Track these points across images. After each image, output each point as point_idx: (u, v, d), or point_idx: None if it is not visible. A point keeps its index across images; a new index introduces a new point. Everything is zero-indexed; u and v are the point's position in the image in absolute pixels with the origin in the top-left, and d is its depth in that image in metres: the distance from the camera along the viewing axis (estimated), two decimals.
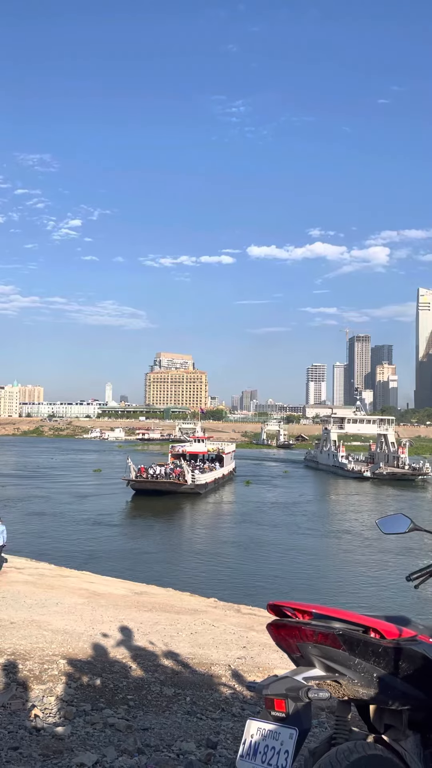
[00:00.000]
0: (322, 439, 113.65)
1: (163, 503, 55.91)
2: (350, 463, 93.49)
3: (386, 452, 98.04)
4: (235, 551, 35.92)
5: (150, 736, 6.11)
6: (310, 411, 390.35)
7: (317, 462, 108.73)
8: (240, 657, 9.99)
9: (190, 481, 61.32)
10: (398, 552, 35.41)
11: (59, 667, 8.35)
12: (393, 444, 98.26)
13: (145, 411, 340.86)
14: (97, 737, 5.93)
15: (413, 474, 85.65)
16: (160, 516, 50.61)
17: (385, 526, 3.98)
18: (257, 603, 16.91)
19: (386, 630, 3.16)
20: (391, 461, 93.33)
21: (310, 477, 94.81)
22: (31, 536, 36.37)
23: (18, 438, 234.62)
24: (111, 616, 12.50)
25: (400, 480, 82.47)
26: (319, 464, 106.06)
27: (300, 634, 3.11)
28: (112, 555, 32.96)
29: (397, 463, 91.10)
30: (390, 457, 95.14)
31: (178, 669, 8.99)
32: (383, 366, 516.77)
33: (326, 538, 41.64)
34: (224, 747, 5.93)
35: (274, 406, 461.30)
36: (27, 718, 6.24)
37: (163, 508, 53.49)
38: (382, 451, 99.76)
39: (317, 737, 5.30)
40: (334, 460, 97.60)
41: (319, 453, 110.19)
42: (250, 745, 2.98)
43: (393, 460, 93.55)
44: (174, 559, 33.05)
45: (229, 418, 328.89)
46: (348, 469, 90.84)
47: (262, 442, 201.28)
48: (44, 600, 13.92)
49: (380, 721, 3.34)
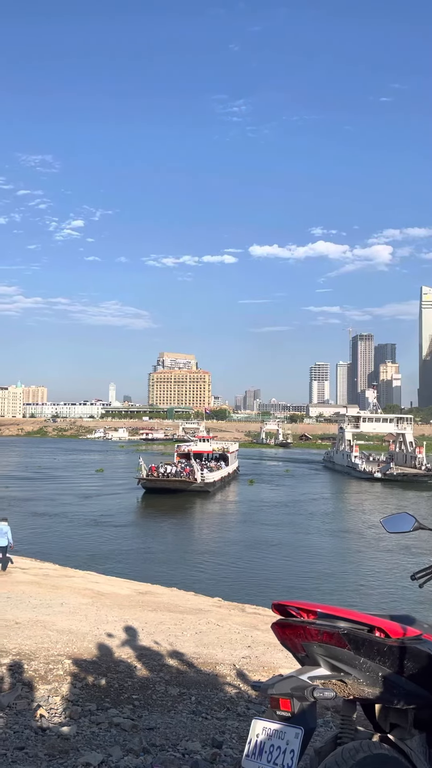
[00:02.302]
0: (338, 438, 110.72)
1: (173, 501, 56.24)
2: (362, 463, 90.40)
3: (404, 452, 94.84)
4: (239, 550, 35.92)
5: (155, 736, 6.11)
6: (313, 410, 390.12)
7: (333, 462, 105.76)
8: (245, 656, 9.99)
9: (199, 480, 61.94)
10: (402, 551, 35.36)
11: (64, 667, 8.36)
12: (411, 443, 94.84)
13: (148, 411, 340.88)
14: (103, 737, 5.93)
15: (425, 474, 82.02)
16: (167, 515, 50.70)
17: (389, 525, 3.98)
18: (262, 602, 16.93)
19: (391, 629, 3.16)
20: (409, 461, 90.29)
21: (314, 476, 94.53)
22: (36, 537, 36.42)
23: (22, 438, 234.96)
24: (116, 616, 12.52)
25: (411, 481, 79.15)
26: (335, 464, 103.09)
27: (305, 633, 3.11)
28: (116, 555, 33.00)
29: (414, 463, 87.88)
30: (408, 457, 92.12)
31: (183, 668, 8.99)
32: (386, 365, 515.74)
33: (330, 538, 41.60)
34: (229, 746, 5.94)
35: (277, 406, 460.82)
36: (32, 718, 6.25)
37: (172, 507, 53.66)
38: (401, 451, 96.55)
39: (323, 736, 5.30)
40: (347, 461, 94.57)
41: (335, 453, 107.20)
42: (256, 745, 2.99)
43: (410, 460, 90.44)
44: (178, 559, 33.07)
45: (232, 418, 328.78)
46: (360, 470, 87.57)
47: (261, 441, 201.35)
48: (49, 600, 13.95)
49: (386, 721, 3.35)
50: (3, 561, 18.99)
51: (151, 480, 60.92)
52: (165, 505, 54.79)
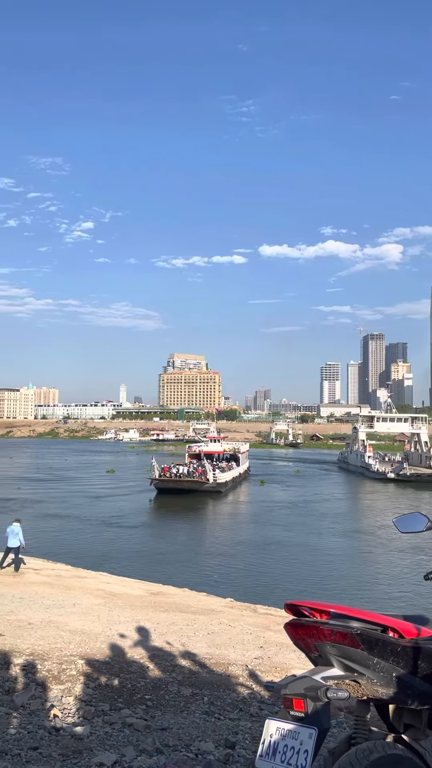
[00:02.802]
0: (352, 438, 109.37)
1: (186, 502, 56.45)
2: (376, 463, 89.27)
3: (419, 452, 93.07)
4: (250, 551, 35.89)
5: (168, 736, 6.12)
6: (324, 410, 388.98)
7: (347, 462, 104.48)
8: (257, 657, 9.98)
9: (211, 480, 62.18)
10: (415, 551, 35.19)
11: (77, 668, 8.40)
12: (426, 443, 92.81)
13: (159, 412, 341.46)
14: (116, 737, 5.95)
15: None
16: (179, 515, 50.80)
17: (402, 525, 3.96)
18: (273, 603, 16.91)
19: (405, 629, 3.15)
20: (424, 461, 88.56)
21: (325, 477, 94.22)
22: (48, 537, 36.58)
23: (34, 440, 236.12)
24: (128, 617, 12.55)
25: (425, 481, 77.39)
26: (349, 465, 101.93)
27: (318, 633, 3.11)
28: (127, 555, 33.07)
29: (429, 463, 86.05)
30: (423, 457, 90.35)
31: (196, 669, 9.00)
32: (398, 364, 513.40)
33: (342, 538, 41.48)
34: (243, 747, 5.93)
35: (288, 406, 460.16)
36: (46, 718, 6.29)
37: (184, 508, 53.79)
38: (416, 451, 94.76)
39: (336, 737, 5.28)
40: (361, 461, 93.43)
41: (349, 453, 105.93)
42: (270, 745, 2.99)
43: (426, 460, 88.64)
44: (189, 559, 33.09)
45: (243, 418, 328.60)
46: (373, 470, 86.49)
47: (271, 442, 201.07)
48: (62, 601, 14.01)
49: (400, 721, 3.34)
50: (16, 562, 19.10)
51: (164, 480, 61.21)
52: (177, 505, 54.95)
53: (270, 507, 56.92)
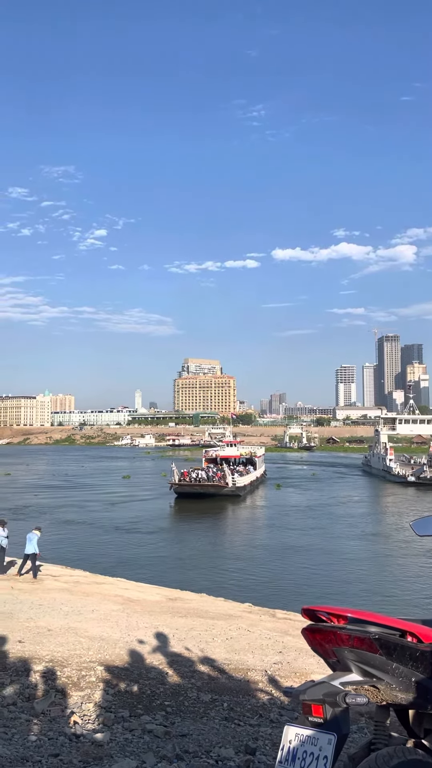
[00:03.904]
0: (374, 441, 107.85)
1: (205, 506, 56.56)
2: (396, 466, 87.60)
3: None
4: (268, 555, 35.76)
5: (188, 743, 6.12)
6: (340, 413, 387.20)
7: (370, 466, 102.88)
8: (276, 662, 9.94)
9: (231, 484, 62.33)
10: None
11: (97, 674, 8.42)
12: None
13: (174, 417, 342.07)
14: (136, 743, 5.96)
15: None
16: (198, 520, 50.77)
17: (419, 528, 3.94)
18: (293, 608, 16.81)
19: (423, 633, 3.13)
20: None
21: (342, 480, 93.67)
22: (66, 544, 36.73)
23: (50, 447, 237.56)
24: (146, 623, 12.57)
25: None
26: (372, 468, 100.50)
27: (336, 638, 3.10)
28: (145, 561, 33.11)
29: None
30: None
31: (215, 675, 8.99)
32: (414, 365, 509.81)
33: (360, 542, 41.20)
34: (263, 753, 5.91)
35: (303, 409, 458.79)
36: (66, 725, 6.31)
37: (203, 512, 53.84)
38: None
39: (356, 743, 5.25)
40: (382, 464, 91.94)
41: (372, 456, 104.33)
42: (289, 751, 2.98)
43: None
44: (207, 564, 33.04)
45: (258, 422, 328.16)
46: (394, 473, 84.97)
47: (285, 445, 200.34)
48: (80, 607, 14.06)
49: (420, 726, 3.31)
50: (34, 569, 19.21)
51: (183, 485, 61.51)
52: (197, 509, 55.09)
53: (287, 511, 56.72)
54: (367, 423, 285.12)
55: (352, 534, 43.99)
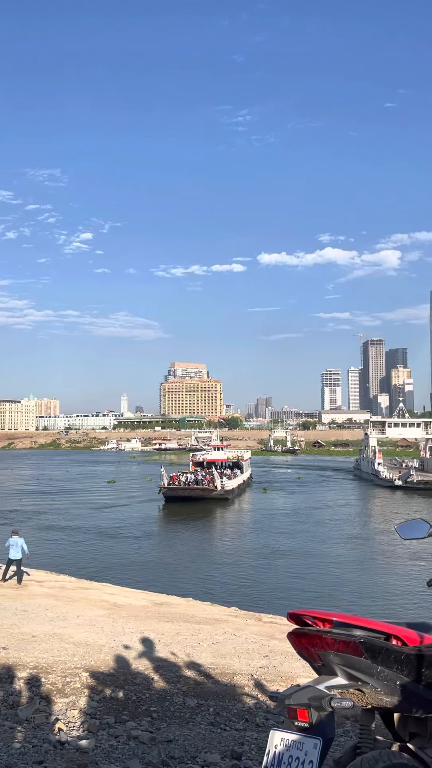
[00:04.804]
0: (363, 445, 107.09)
1: (194, 509, 56.63)
2: (384, 470, 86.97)
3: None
4: (254, 559, 35.74)
5: (174, 748, 6.09)
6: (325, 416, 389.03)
7: (360, 470, 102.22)
8: (262, 666, 9.93)
9: (219, 488, 62.67)
10: (417, 558, 35.04)
11: (82, 680, 8.36)
12: None
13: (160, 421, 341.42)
14: (121, 750, 5.92)
15: None
16: (184, 524, 50.67)
17: (403, 532, 3.96)
18: (278, 611, 16.82)
19: (408, 637, 3.14)
20: None
21: (326, 484, 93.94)
22: (51, 549, 36.46)
23: (35, 451, 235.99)
24: (132, 628, 12.50)
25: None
26: (362, 472, 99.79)
27: (321, 642, 3.09)
28: (131, 566, 32.94)
29: None
30: None
31: (201, 679, 8.96)
32: (398, 369, 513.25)
33: (345, 546, 41.31)
34: (249, 758, 5.90)
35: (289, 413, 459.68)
36: (51, 732, 6.26)
37: (192, 516, 53.78)
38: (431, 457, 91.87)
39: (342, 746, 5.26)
40: (371, 468, 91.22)
41: (362, 460, 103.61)
42: (275, 756, 2.97)
43: None
44: (194, 569, 32.95)
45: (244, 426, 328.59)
46: (382, 477, 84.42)
47: (270, 449, 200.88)
48: (65, 613, 13.96)
49: (405, 729, 3.32)
50: (18, 574, 19.05)
51: (172, 489, 61.63)
52: (185, 513, 55.10)
53: (274, 514, 56.79)
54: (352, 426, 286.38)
55: (337, 538, 44.10)
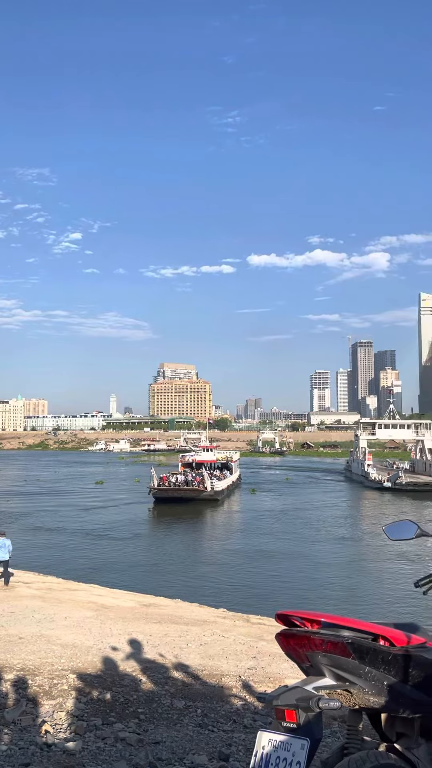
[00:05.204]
0: (354, 446, 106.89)
1: (184, 510, 56.67)
2: (374, 472, 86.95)
3: (424, 459, 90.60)
4: (243, 560, 35.76)
5: (161, 750, 6.07)
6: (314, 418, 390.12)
7: (351, 471, 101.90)
8: (250, 667, 9.93)
9: (209, 488, 62.88)
10: (406, 559, 35.22)
11: (69, 682, 8.32)
12: (430, 450, 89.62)
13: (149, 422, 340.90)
14: (108, 752, 5.90)
15: None
16: (173, 525, 50.59)
17: (391, 533, 3.97)
18: (266, 612, 16.81)
19: (395, 637, 3.15)
20: (428, 469, 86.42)
21: (316, 486, 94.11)
22: (38, 550, 36.28)
23: (23, 452, 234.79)
24: (120, 629, 12.46)
25: (421, 490, 74.98)
26: (352, 473, 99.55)
27: (309, 643, 3.09)
28: (119, 567, 32.85)
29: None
30: (427, 465, 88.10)
31: (189, 681, 8.94)
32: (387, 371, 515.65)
33: (333, 547, 41.43)
34: (236, 759, 5.89)
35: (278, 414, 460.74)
36: (38, 734, 6.22)
37: (181, 517, 53.75)
38: (421, 459, 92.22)
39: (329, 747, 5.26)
40: (361, 469, 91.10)
41: (352, 461, 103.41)
42: (262, 757, 2.96)
43: (429, 467, 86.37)
44: (181, 570, 32.92)
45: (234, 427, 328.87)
46: (371, 479, 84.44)
47: (258, 450, 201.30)
48: (53, 614, 13.88)
49: (392, 730, 3.32)
50: (5, 575, 18.92)
51: (162, 489, 61.69)
52: (175, 514, 55.16)
53: (262, 515, 56.86)
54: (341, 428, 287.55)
55: (325, 539, 44.23)
